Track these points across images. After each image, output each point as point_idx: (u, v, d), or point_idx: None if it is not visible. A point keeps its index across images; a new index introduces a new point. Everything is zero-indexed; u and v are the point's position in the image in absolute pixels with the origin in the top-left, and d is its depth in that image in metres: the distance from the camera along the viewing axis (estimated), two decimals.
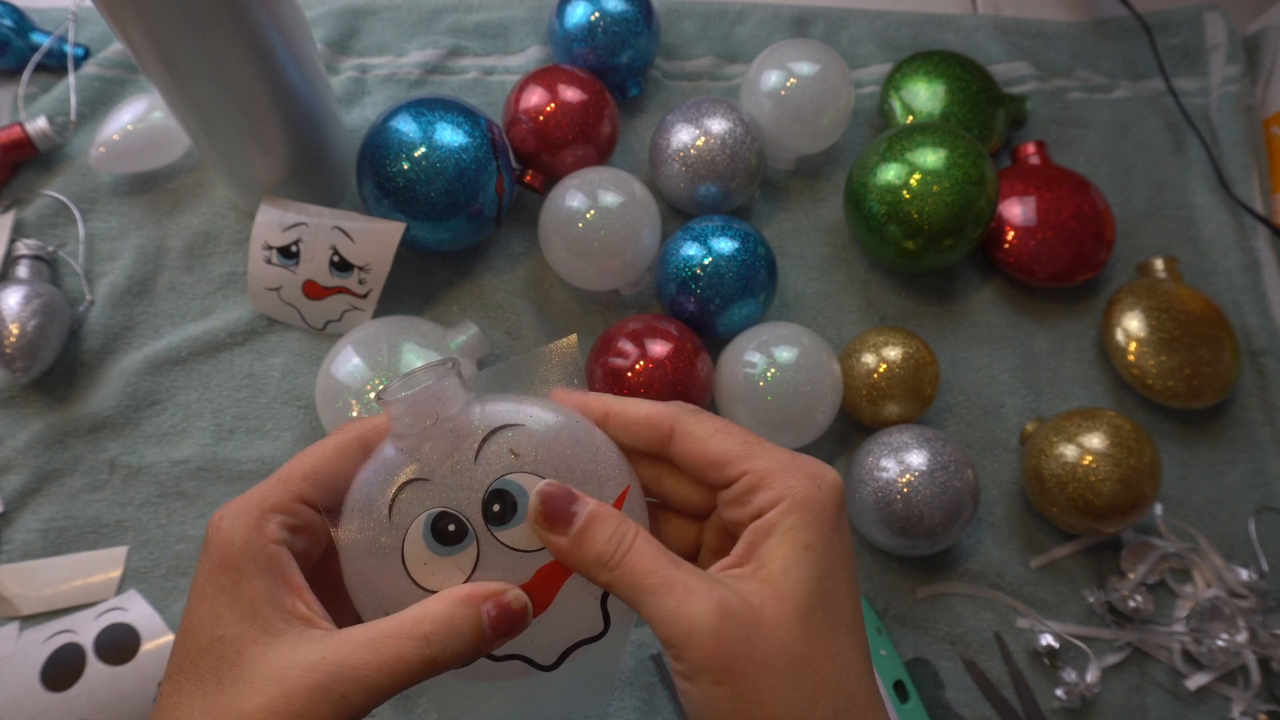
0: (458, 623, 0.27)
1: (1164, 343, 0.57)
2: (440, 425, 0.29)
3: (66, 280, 0.59)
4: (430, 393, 0.29)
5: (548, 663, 0.30)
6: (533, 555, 0.29)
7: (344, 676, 0.26)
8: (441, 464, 0.29)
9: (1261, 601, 0.53)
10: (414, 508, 0.29)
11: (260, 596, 0.27)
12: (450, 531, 0.29)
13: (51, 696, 0.46)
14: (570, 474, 0.30)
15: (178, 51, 0.46)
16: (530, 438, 0.30)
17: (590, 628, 0.30)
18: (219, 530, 0.28)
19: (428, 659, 0.26)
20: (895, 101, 0.64)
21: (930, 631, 0.53)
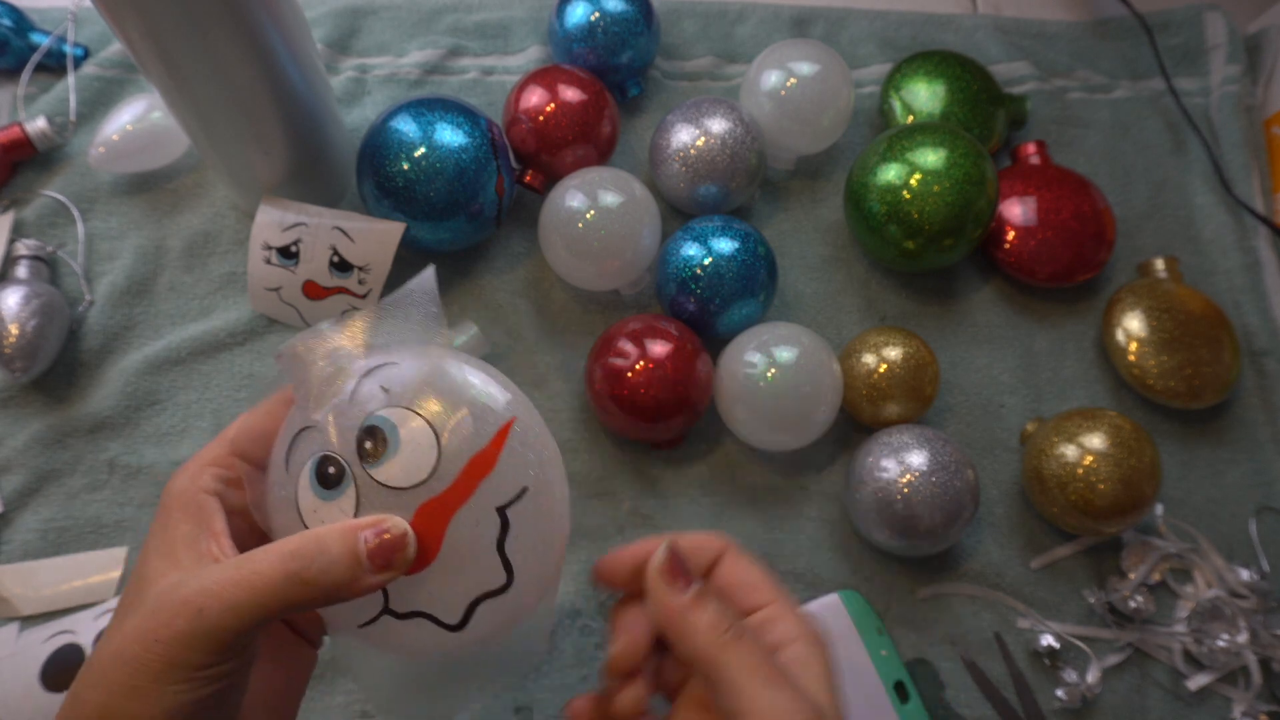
0: (326, 542, 0.27)
1: (1164, 343, 0.57)
2: (321, 371, 0.30)
3: (66, 280, 0.58)
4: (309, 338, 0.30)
5: (453, 621, 0.29)
6: (410, 492, 0.29)
7: (203, 590, 0.26)
8: (323, 409, 0.29)
9: (1262, 602, 0.53)
10: (304, 455, 0.29)
11: (180, 538, 0.29)
12: (330, 474, 0.29)
13: (51, 697, 0.46)
14: (440, 405, 0.29)
15: (177, 51, 0.46)
16: (400, 372, 0.30)
17: (491, 579, 0.29)
18: (168, 485, 0.30)
19: (290, 573, 0.26)
20: (895, 101, 0.64)
21: (930, 632, 0.53)
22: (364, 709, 0.48)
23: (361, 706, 0.49)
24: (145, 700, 0.26)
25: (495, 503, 0.29)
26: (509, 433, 0.30)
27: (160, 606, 0.26)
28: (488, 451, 0.29)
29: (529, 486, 0.30)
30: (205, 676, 0.26)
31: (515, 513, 0.29)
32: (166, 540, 0.29)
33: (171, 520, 0.29)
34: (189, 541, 0.28)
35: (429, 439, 0.29)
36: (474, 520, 0.29)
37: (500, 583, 0.29)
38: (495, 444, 0.29)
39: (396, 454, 0.28)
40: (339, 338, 0.31)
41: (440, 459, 0.29)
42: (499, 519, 0.29)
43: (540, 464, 0.30)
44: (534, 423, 0.31)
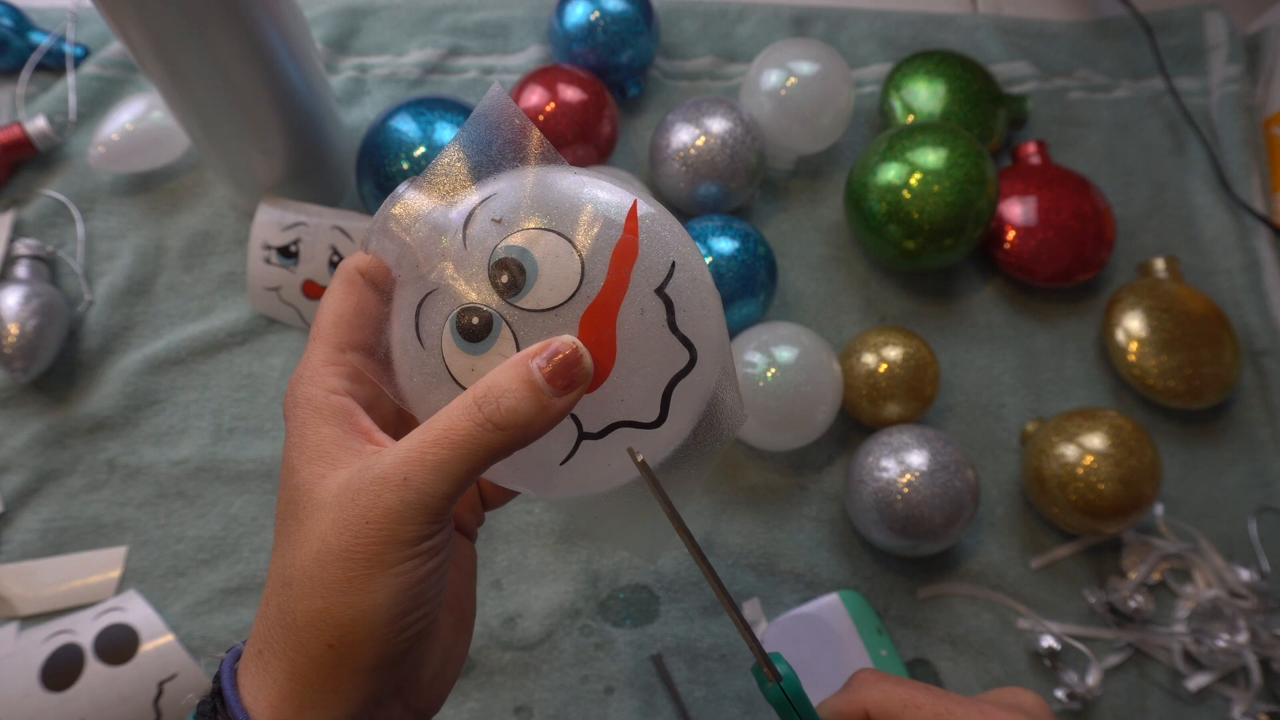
0: (503, 381, 0.26)
1: (1164, 343, 0.57)
2: (418, 235, 0.28)
3: (66, 280, 0.58)
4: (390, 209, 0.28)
5: (652, 417, 0.28)
6: (567, 307, 0.27)
7: (401, 460, 0.25)
8: (437, 267, 0.28)
9: (1262, 602, 0.53)
10: (436, 322, 0.27)
11: (326, 441, 0.27)
12: (476, 325, 0.27)
13: (51, 696, 0.46)
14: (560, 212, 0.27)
15: (177, 51, 0.46)
16: (505, 200, 0.28)
17: (675, 360, 0.28)
18: (290, 397, 0.29)
19: (481, 421, 0.25)
20: (895, 101, 0.64)
21: (930, 631, 0.53)
22: None
23: None
24: (368, 589, 0.25)
25: (652, 285, 0.28)
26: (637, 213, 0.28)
27: (358, 489, 0.25)
28: (626, 239, 0.28)
29: (675, 261, 0.28)
30: (423, 551, 0.26)
31: (674, 290, 0.28)
32: (312, 446, 0.27)
33: (309, 428, 0.27)
34: (339, 442, 0.27)
35: (565, 248, 0.27)
36: (638, 310, 0.27)
37: (686, 361, 0.28)
38: (630, 229, 0.28)
39: (537, 276, 0.27)
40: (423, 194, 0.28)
41: (584, 263, 0.27)
42: (661, 301, 0.28)
43: (676, 236, 0.29)
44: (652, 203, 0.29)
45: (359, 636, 0.25)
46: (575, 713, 0.50)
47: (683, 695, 0.50)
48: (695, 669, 0.51)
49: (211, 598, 0.51)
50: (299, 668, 0.26)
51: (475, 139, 0.29)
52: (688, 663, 0.51)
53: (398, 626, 0.26)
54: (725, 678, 0.51)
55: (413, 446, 0.25)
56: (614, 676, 0.50)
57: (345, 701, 0.26)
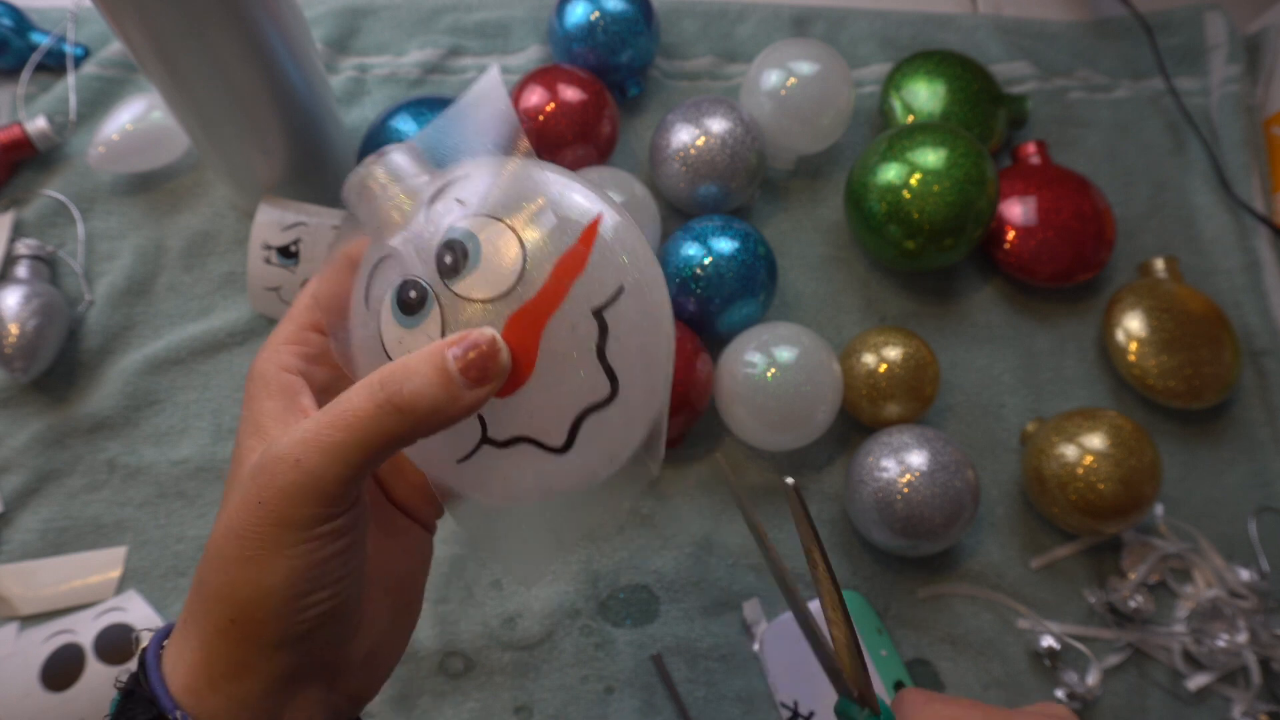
0: (413, 365, 0.25)
1: (1164, 343, 0.57)
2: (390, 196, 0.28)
3: (66, 280, 0.58)
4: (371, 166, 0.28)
5: (558, 442, 0.27)
6: (498, 303, 0.26)
7: (296, 441, 0.25)
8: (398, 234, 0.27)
9: (1262, 602, 0.53)
10: (383, 287, 0.27)
11: (266, 414, 0.28)
12: (412, 298, 0.26)
13: (51, 696, 0.46)
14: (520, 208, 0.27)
15: (177, 51, 0.46)
16: (474, 183, 0.27)
17: (594, 389, 0.27)
18: (250, 371, 0.29)
19: (381, 402, 0.25)
20: (895, 101, 0.64)
21: (930, 631, 0.53)
22: None
23: None
24: (263, 568, 0.25)
25: (590, 305, 0.26)
26: (598, 229, 0.27)
27: (258, 470, 0.25)
28: (576, 250, 0.26)
29: (625, 286, 0.27)
30: (319, 534, 0.25)
31: (613, 315, 0.27)
32: (253, 419, 0.28)
33: (255, 401, 0.28)
34: (276, 416, 0.28)
35: (511, 243, 0.26)
36: (569, 325, 0.26)
37: (604, 393, 0.27)
38: (584, 241, 0.26)
39: (478, 264, 0.26)
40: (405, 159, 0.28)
41: (525, 263, 0.26)
42: (596, 323, 0.26)
43: (636, 262, 0.27)
44: (625, 220, 0.28)
45: (258, 614, 0.25)
46: (575, 713, 0.50)
47: (683, 695, 0.50)
48: (695, 669, 0.51)
49: None
50: (209, 639, 0.26)
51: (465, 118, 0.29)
52: (688, 663, 0.51)
53: (297, 606, 0.26)
54: (725, 678, 0.51)
55: (309, 427, 0.25)
56: (614, 676, 0.50)
57: (256, 676, 0.26)
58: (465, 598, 0.52)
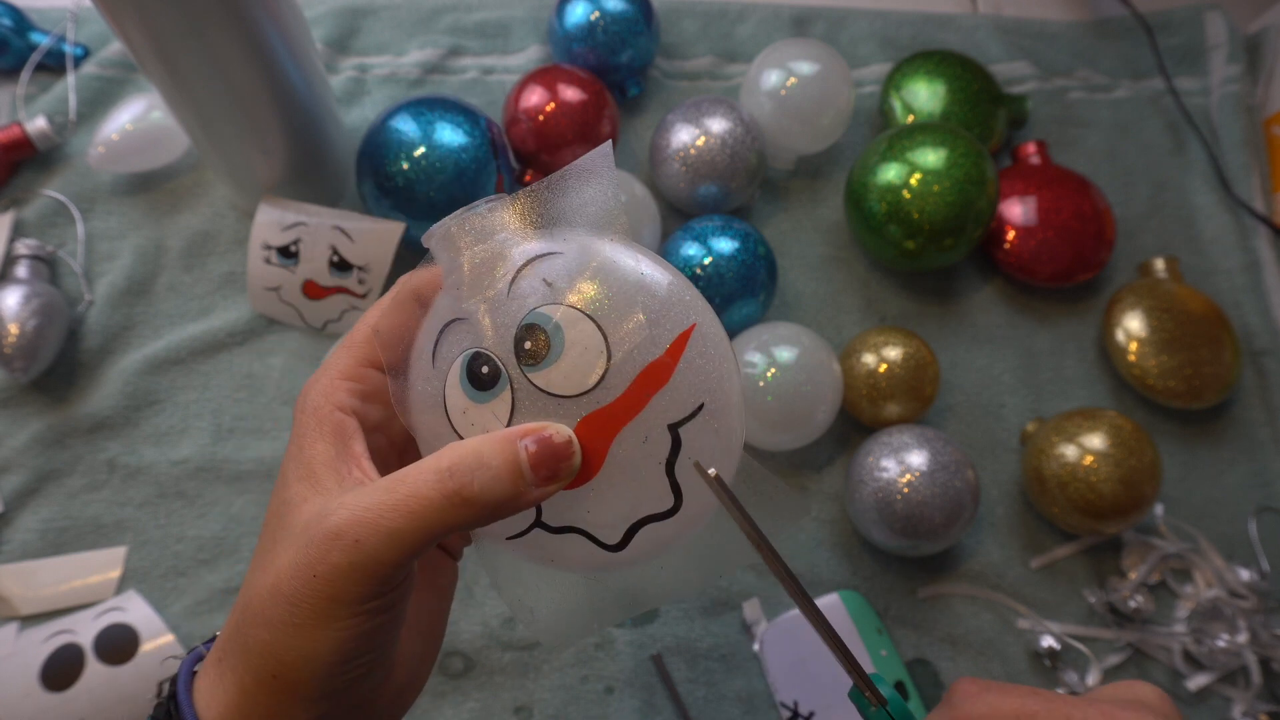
0: (485, 455, 0.25)
1: (1164, 343, 0.57)
2: (475, 256, 0.26)
3: (66, 280, 0.58)
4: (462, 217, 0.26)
5: (612, 541, 0.27)
6: (574, 401, 0.25)
7: (357, 519, 0.24)
8: (477, 300, 0.26)
9: (1262, 602, 0.53)
10: (453, 350, 0.26)
11: (319, 460, 0.27)
12: (484, 374, 0.26)
13: (51, 696, 0.46)
14: (611, 305, 0.26)
15: (177, 51, 0.46)
16: (566, 265, 0.26)
17: (657, 501, 0.26)
18: (300, 400, 0.28)
19: (449, 492, 0.24)
20: (895, 101, 0.64)
21: (930, 631, 0.53)
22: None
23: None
24: (311, 637, 0.25)
25: (668, 419, 0.26)
26: (689, 341, 0.26)
27: (312, 539, 0.25)
28: (663, 361, 0.26)
29: (705, 403, 0.26)
30: (369, 609, 0.25)
31: (689, 431, 0.26)
32: (305, 462, 0.27)
33: (307, 441, 0.27)
34: (329, 464, 0.27)
35: (598, 343, 0.25)
36: (642, 437, 0.26)
37: (667, 506, 0.26)
38: (672, 353, 0.26)
39: (560, 358, 0.25)
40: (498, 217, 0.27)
41: (609, 367, 0.25)
42: (671, 437, 0.26)
43: (720, 377, 0.27)
44: (714, 329, 0.27)
45: (303, 675, 0.25)
46: (575, 713, 0.50)
47: (683, 695, 0.50)
48: (695, 669, 0.51)
49: (211, 598, 0.51)
50: (248, 686, 0.26)
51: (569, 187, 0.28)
52: (688, 663, 0.51)
53: (342, 669, 0.26)
54: (725, 678, 0.51)
55: (370, 506, 0.24)
56: (614, 676, 0.50)
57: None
58: (465, 598, 0.52)
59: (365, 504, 0.24)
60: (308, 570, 0.24)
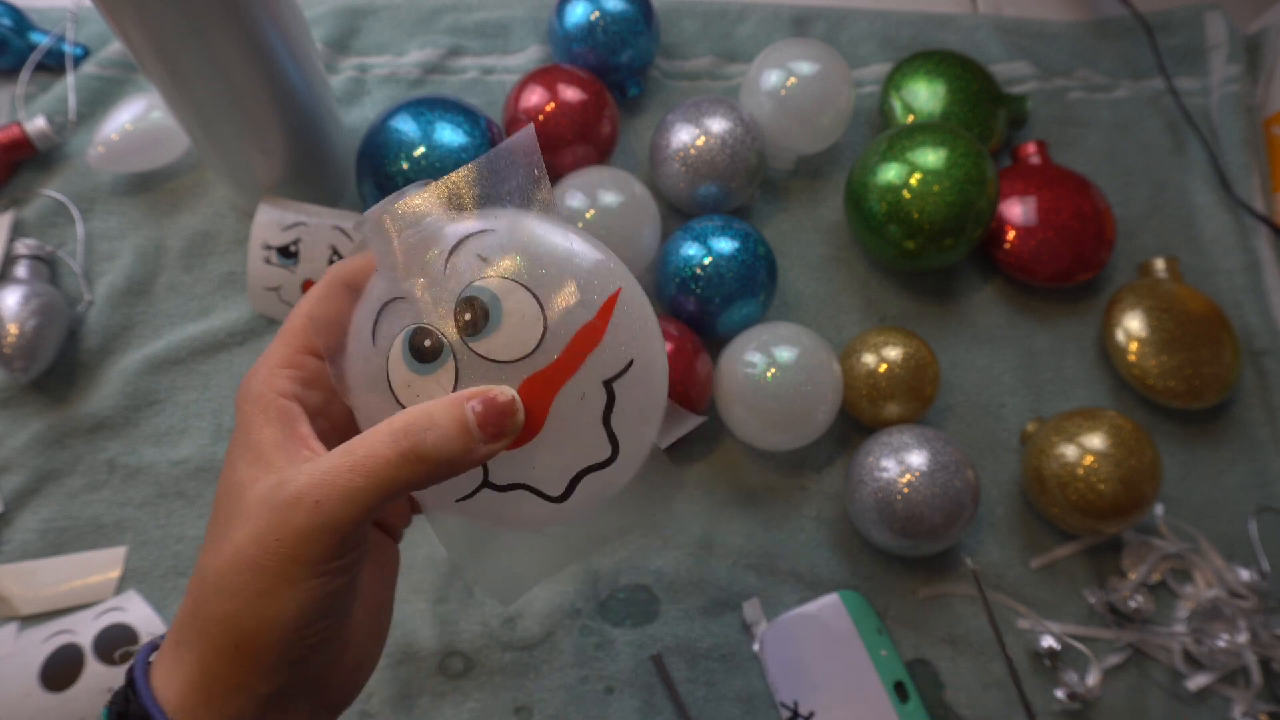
0: (435, 415, 0.26)
1: (1165, 343, 0.57)
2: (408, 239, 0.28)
3: (66, 280, 0.58)
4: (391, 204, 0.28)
5: (555, 493, 0.29)
6: (514, 365, 0.27)
7: (316, 482, 0.25)
8: (414, 279, 0.28)
9: (1262, 602, 0.53)
10: (393, 327, 0.28)
11: (267, 442, 0.28)
12: (427, 347, 0.27)
13: (50, 696, 0.46)
14: (544, 274, 0.28)
15: (177, 51, 0.46)
16: (498, 240, 0.28)
17: (596, 452, 0.29)
18: (242, 390, 0.29)
19: (404, 451, 0.26)
20: (895, 101, 0.64)
21: (930, 631, 0.53)
22: None
23: None
24: (274, 601, 0.26)
25: (602, 376, 0.28)
26: (615, 304, 0.28)
27: (274, 506, 0.26)
28: (595, 324, 0.28)
29: (635, 359, 0.29)
30: (331, 569, 0.26)
31: (621, 386, 0.28)
32: (252, 447, 0.28)
33: (253, 426, 0.28)
34: (277, 444, 0.28)
35: (534, 311, 0.27)
36: (580, 394, 0.28)
37: (605, 456, 0.29)
38: (602, 316, 0.28)
39: (499, 327, 0.27)
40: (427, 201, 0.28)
41: (546, 332, 0.27)
42: (606, 392, 0.28)
43: (644, 334, 0.29)
44: (636, 293, 0.29)
45: (264, 641, 0.26)
46: (575, 713, 0.50)
47: (683, 695, 0.50)
48: (695, 669, 0.51)
49: None
50: (208, 661, 0.27)
51: (494, 169, 0.29)
52: (688, 663, 0.51)
53: (302, 634, 0.26)
54: (725, 678, 0.51)
55: (328, 469, 0.26)
56: (614, 676, 0.50)
57: (250, 696, 0.27)
58: (465, 598, 0.52)
59: (323, 468, 0.26)
60: (270, 535, 0.25)
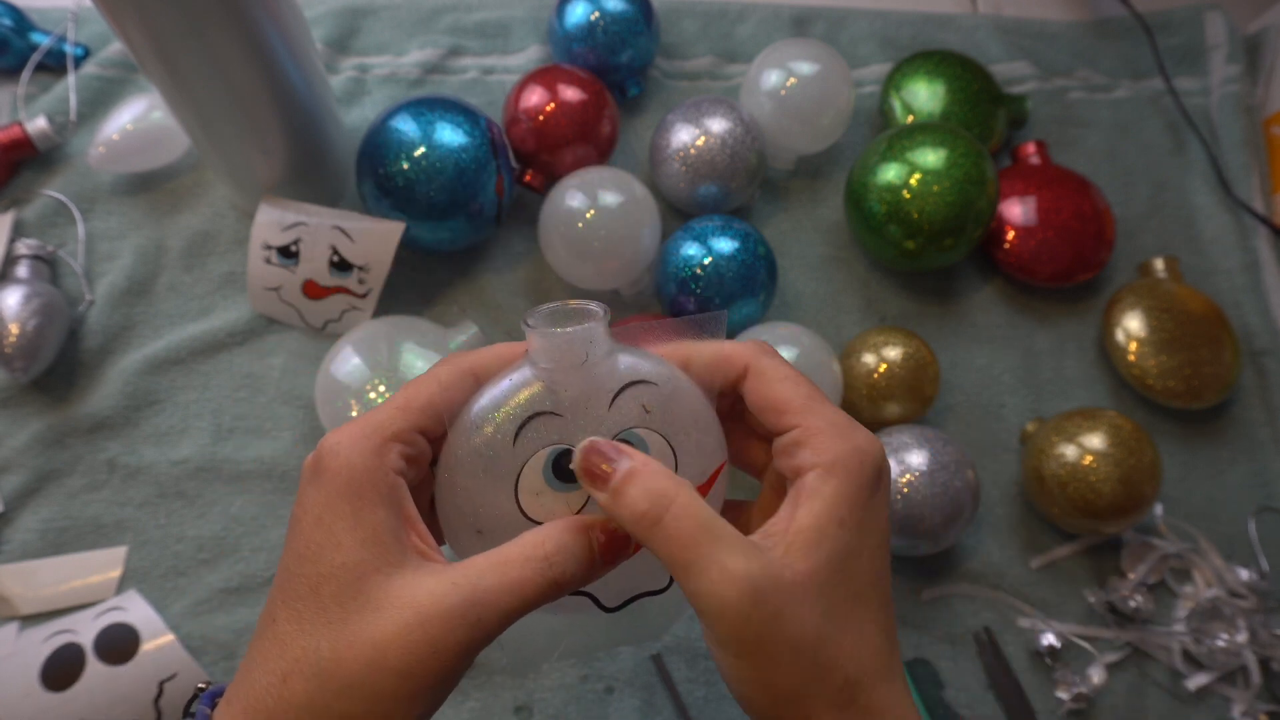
0: (573, 546, 0.28)
1: (1164, 343, 0.57)
2: (584, 368, 0.30)
3: (66, 280, 0.58)
4: (584, 335, 0.30)
5: (610, 605, 0.32)
6: None
7: (475, 600, 0.26)
8: (577, 403, 0.29)
9: (1261, 601, 0.53)
10: (540, 439, 0.29)
11: (382, 526, 0.27)
12: (570, 469, 0.29)
13: (51, 696, 0.46)
14: (686, 440, 0.30)
15: (177, 51, 0.46)
16: (661, 398, 0.30)
17: (656, 582, 0.32)
18: (337, 456, 0.28)
19: (550, 580, 0.27)
20: (895, 101, 0.64)
21: (930, 631, 0.53)
22: None
23: None
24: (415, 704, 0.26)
25: None
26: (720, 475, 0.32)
27: (429, 618, 0.26)
28: (703, 487, 0.31)
29: None
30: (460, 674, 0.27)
31: None
32: (363, 526, 0.27)
33: (365, 504, 0.27)
34: (391, 530, 0.27)
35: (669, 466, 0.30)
36: None
37: (661, 586, 0.32)
38: (709, 483, 0.32)
39: None
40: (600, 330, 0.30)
41: None
42: None
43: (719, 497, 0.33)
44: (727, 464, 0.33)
45: None
46: (575, 713, 0.50)
47: (683, 695, 0.50)
48: (695, 669, 0.51)
49: (211, 598, 0.51)
50: None
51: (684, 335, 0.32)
52: (688, 663, 0.51)
53: None
54: None
55: (485, 589, 0.26)
56: (614, 676, 0.50)
57: None
58: None
59: (481, 586, 0.26)
60: (427, 647, 0.26)
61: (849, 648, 0.27)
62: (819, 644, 0.27)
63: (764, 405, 0.30)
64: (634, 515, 0.27)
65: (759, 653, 0.27)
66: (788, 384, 0.30)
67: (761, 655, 0.27)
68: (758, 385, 0.31)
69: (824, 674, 0.27)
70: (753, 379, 0.31)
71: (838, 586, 0.28)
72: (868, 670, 0.28)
